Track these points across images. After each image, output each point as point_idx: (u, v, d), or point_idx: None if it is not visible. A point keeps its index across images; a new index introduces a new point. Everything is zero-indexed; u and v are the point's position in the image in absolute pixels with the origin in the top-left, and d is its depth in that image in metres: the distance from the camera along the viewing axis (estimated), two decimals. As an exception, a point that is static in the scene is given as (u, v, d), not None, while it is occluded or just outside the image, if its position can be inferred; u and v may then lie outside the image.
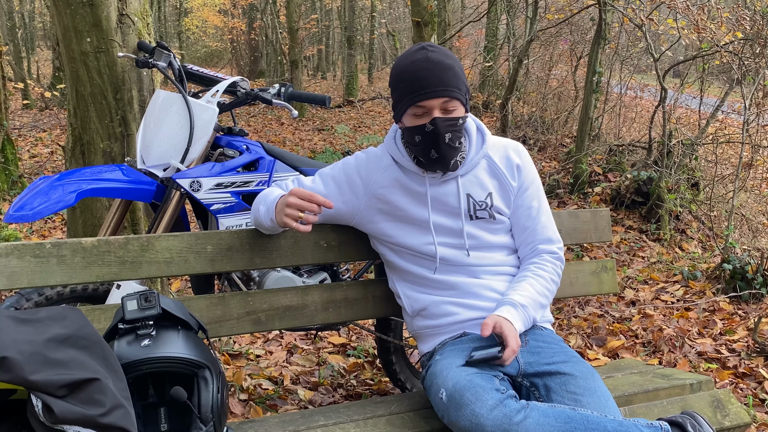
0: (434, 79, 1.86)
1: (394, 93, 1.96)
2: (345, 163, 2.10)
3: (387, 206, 2.04)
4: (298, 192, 1.91)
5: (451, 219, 2.02)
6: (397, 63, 1.95)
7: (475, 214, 2.03)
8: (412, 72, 1.88)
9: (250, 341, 3.73)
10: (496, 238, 2.07)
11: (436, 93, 1.87)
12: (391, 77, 1.96)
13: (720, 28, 6.39)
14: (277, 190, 2.05)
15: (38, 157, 8.63)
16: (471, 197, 2.02)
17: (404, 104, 1.91)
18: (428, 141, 1.91)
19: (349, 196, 2.06)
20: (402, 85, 1.91)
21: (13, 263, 1.84)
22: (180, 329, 1.71)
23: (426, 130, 1.90)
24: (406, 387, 2.91)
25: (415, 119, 1.92)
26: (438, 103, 1.88)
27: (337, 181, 2.07)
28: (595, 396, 1.76)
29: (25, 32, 18.58)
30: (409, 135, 1.95)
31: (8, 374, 1.37)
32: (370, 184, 2.04)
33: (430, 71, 1.87)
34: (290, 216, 1.89)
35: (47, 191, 2.26)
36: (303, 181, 2.11)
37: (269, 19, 19.60)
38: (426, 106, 1.88)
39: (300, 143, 10.62)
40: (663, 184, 6.05)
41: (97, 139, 2.91)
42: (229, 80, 2.58)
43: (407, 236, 2.03)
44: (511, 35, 10.85)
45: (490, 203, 2.04)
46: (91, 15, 2.82)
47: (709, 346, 3.64)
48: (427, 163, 1.97)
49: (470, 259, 2.02)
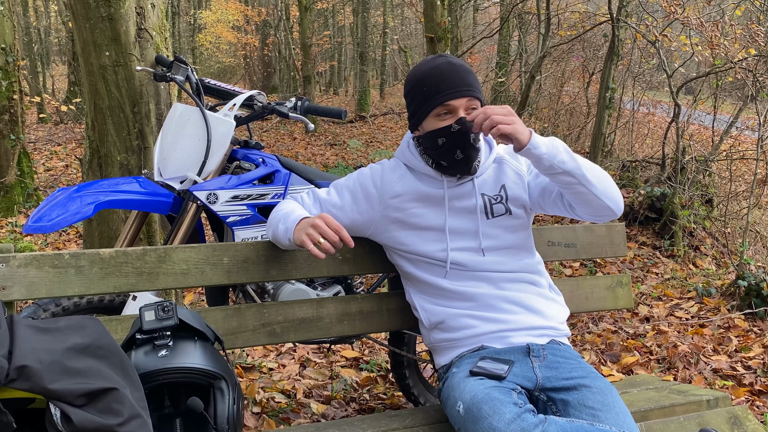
0: (458, 80, 1.91)
1: (414, 99, 1.97)
2: (360, 174, 2.11)
3: (402, 214, 2.04)
4: (328, 219, 1.89)
5: (467, 220, 2.02)
6: (416, 70, 1.98)
7: (491, 211, 2.03)
8: (436, 74, 1.92)
9: (263, 354, 3.73)
10: (515, 237, 2.06)
11: (461, 92, 1.91)
12: (410, 84, 1.99)
13: (733, 44, 6.39)
14: (296, 207, 2.04)
15: (53, 171, 8.70)
16: (485, 195, 2.04)
17: (428, 106, 1.93)
18: (454, 141, 1.93)
19: (365, 206, 2.06)
20: (425, 89, 1.93)
21: (32, 273, 1.85)
22: (197, 340, 1.71)
23: (452, 131, 1.92)
24: (419, 401, 2.90)
25: (438, 121, 1.93)
26: (463, 102, 1.91)
27: (352, 192, 2.07)
28: (613, 412, 1.75)
29: (41, 47, 18.80)
30: (431, 139, 1.96)
31: (28, 383, 1.38)
32: (385, 194, 2.04)
33: (454, 72, 1.91)
34: (310, 236, 1.87)
35: (65, 203, 2.28)
36: (318, 193, 2.11)
37: (282, 35, 19.76)
38: (452, 105, 1.91)
39: (312, 158, 10.66)
40: (677, 201, 6.03)
41: (115, 151, 2.94)
42: (246, 94, 2.60)
43: (422, 243, 2.03)
44: (523, 51, 10.88)
45: (505, 195, 2.04)
46: (110, 29, 2.86)
47: (724, 363, 3.61)
48: (449, 165, 1.98)
49: (486, 263, 2.01)
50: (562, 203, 2.03)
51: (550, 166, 1.86)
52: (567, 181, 1.90)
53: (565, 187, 1.93)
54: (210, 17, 26.08)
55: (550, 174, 1.91)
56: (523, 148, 1.82)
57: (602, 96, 7.17)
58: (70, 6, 2.94)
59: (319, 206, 2.08)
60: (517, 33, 12.16)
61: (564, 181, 1.90)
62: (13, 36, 6.76)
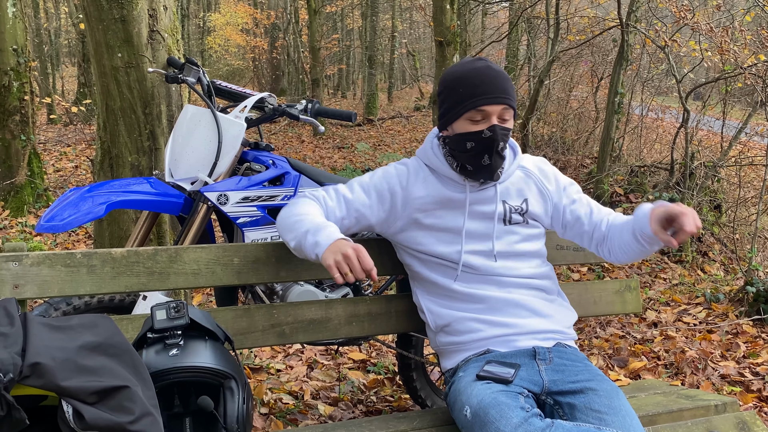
0: (497, 87, 1.91)
1: (447, 98, 1.97)
2: (385, 173, 2.08)
3: (423, 215, 2.04)
4: (361, 254, 1.81)
5: (483, 224, 2.03)
6: (454, 70, 1.97)
7: (509, 219, 2.04)
8: (475, 77, 1.91)
9: (271, 355, 3.75)
10: (528, 246, 2.07)
11: (498, 99, 1.91)
12: (445, 83, 1.98)
13: (743, 50, 6.38)
14: (319, 213, 1.98)
15: (62, 171, 8.75)
16: (507, 203, 2.05)
17: (461, 108, 1.92)
18: (482, 147, 1.93)
19: (390, 205, 2.05)
20: (461, 90, 1.92)
21: (45, 272, 1.87)
22: (207, 339, 1.72)
23: (483, 137, 1.92)
24: (426, 404, 2.91)
25: (470, 125, 1.93)
26: (498, 109, 1.91)
27: (378, 191, 2.06)
28: (620, 415, 1.75)
29: (51, 48, 18.90)
30: (459, 142, 1.96)
31: (41, 380, 1.40)
32: (410, 195, 2.04)
33: (492, 78, 1.91)
34: (339, 266, 1.79)
35: (77, 203, 2.30)
36: (342, 192, 2.06)
37: (291, 38, 19.82)
38: (486, 111, 1.91)
39: (320, 161, 10.69)
40: (685, 206, 6.01)
41: (126, 152, 2.96)
42: (257, 96, 2.61)
43: (437, 244, 2.03)
44: (532, 56, 10.88)
45: (525, 208, 2.06)
46: (123, 31, 2.88)
47: (732, 369, 3.60)
48: (474, 170, 1.98)
49: (497, 267, 2.02)
50: (589, 238, 2.12)
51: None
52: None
53: (643, 246, 2.00)
54: (219, 20, 26.17)
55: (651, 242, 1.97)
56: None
57: (611, 101, 7.16)
58: (83, 7, 2.96)
59: (344, 206, 2.04)
60: (525, 37, 12.16)
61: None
62: (25, 37, 6.80)
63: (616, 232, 2.06)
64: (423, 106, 18.49)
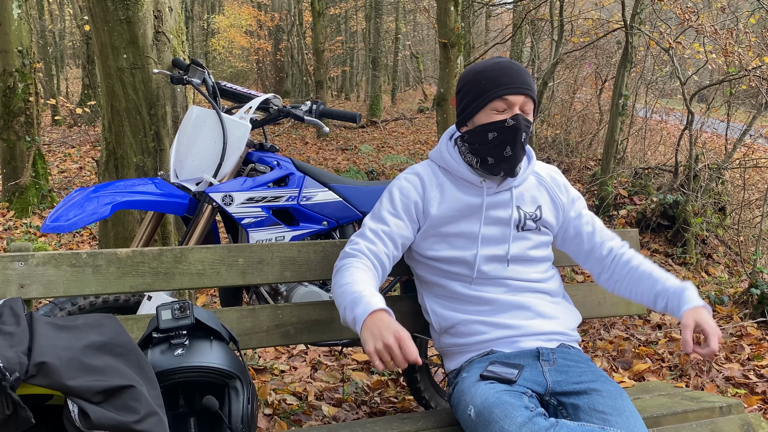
0: (519, 78, 1.95)
1: (469, 92, 1.98)
2: (402, 189, 2.06)
3: (439, 221, 2.04)
4: (404, 344, 1.69)
5: (498, 229, 2.03)
6: (475, 66, 2.00)
7: (523, 225, 2.05)
8: (498, 69, 1.95)
9: (275, 356, 3.75)
10: (539, 252, 2.08)
11: (522, 90, 1.94)
12: (467, 78, 2.00)
13: (747, 52, 6.37)
14: (362, 296, 1.81)
15: (67, 173, 8.77)
16: (521, 209, 2.05)
17: (485, 98, 1.94)
18: (505, 137, 1.95)
19: (416, 217, 2.05)
20: (484, 82, 1.95)
21: (50, 272, 1.88)
22: (212, 339, 1.73)
23: (506, 125, 1.94)
24: (430, 405, 2.91)
25: (494, 115, 1.95)
26: (521, 100, 1.94)
27: (407, 210, 2.04)
28: (624, 416, 1.75)
29: (55, 50, 18.95)
30: (481, 133, 1.97)
31: (47, 379, 1.40)
32: (428, 205, 2.04)
33: (516, 70, 1.95)
34: (379, 354, 1.69)
35: (82, 203, 2.31)
36: (379, 228, 2.01)
37: (295, 40, 19.84)
38: (510, 100, 1.93)
39: (324, 162, 10.69)
40: (689, 208, 6.01)
41: (131, 153, 2.97)
42: (262, 97, 2.62)
43: (450, 249, 2.03)
44: (536, 58, 10.87)
45: (539, 215, 2.07)
46: (128, 32, 2.88)
47: (737, 371, 3.60)
48: (496, 162, 1.98)
49: (509, 272, 2.03)
50: (585, 257, 2.16)
51: None
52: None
53: (654, 307, 2.05)
54: (223, 22, 26.24)
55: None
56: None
57: (615, 103, 7.16)
58: (88, 9, 2.97)
59: (388, 241, 2.00)
60: (529, 39, 12.15)
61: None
62: (30, 39, 6.82)
63: (632, 278, 2.08)
64: (426, 108, 18.49)
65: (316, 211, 2.55)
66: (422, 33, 28.20)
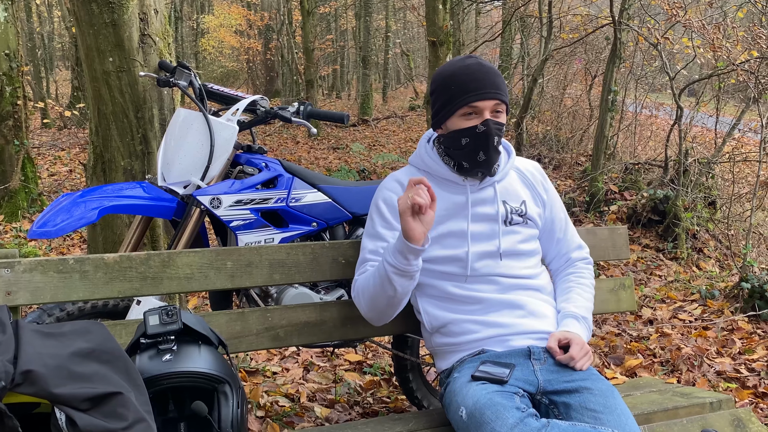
0: (488, 82, 1.93)
1: (440, 97, 1.98)
2: (387, 201, 2.06)
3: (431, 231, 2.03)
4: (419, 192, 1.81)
5: (487, 225, 2.04)
6: (445, 69, 1.99)
7: (510, 219, 2.06)
8: (466, 74, 1.94)
9: (267, 358, 3.74)
10: (528, 245, 2.09)
11: (490, 95, 1.93)
12: (437, 82, 2.00)
13: (736, 46, 6.39)
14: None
15: (57, 176, 8.73)
16: (507, 204, 2.06)
17: (454, 105, 1.94)
18: (477, 143, 1.95)
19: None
20: (453, 87, 1.94)
21: (37, 278, 1.87)
22: (201, 344, 1.72)
23: (477, 131, 1.94)
24: (422, 405, 2.91)
25: (464, 121, 1.95)
26: (490, 105, 1.93)
27: (397, 220, 2.04)
28: (615, 414, 1.75)
29: (44, 52, 18.85)
30: (454, 139, 1.98)
31: (33, 387, 1.39)
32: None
33: (483, 74, 1.94)
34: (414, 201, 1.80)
35: (70, 208, 2.29)
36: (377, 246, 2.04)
37: (285, 39, 19.81)
38: (479, 107, 1.93)
39: (315, 162, 10.68)
40: (679, 203, 6.03)
41: (118, 157, 2.95)
42: (249, 99, 2.61)
43: (442, 248, 2.02)
44: (525, 54, 10.89)
45: (524, 210, 2.09)
46: (114, 35, 2.87)
47: (728, 366, 3.61)
48: (471, 166, 2.00)
49: (501, 267, 2.03)
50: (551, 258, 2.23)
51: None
52: None
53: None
54: (213, 22, 26.14)
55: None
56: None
57: (605, 99, 7.18)
58: (73, 12, 2.95)
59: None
60: (519, 36, 12.17)
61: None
62: (17, 42, 6.79)
63: (560, 289, 2.18)
64: (418, 105, 18.48)
65: (306, 213, 2.54)
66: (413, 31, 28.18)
